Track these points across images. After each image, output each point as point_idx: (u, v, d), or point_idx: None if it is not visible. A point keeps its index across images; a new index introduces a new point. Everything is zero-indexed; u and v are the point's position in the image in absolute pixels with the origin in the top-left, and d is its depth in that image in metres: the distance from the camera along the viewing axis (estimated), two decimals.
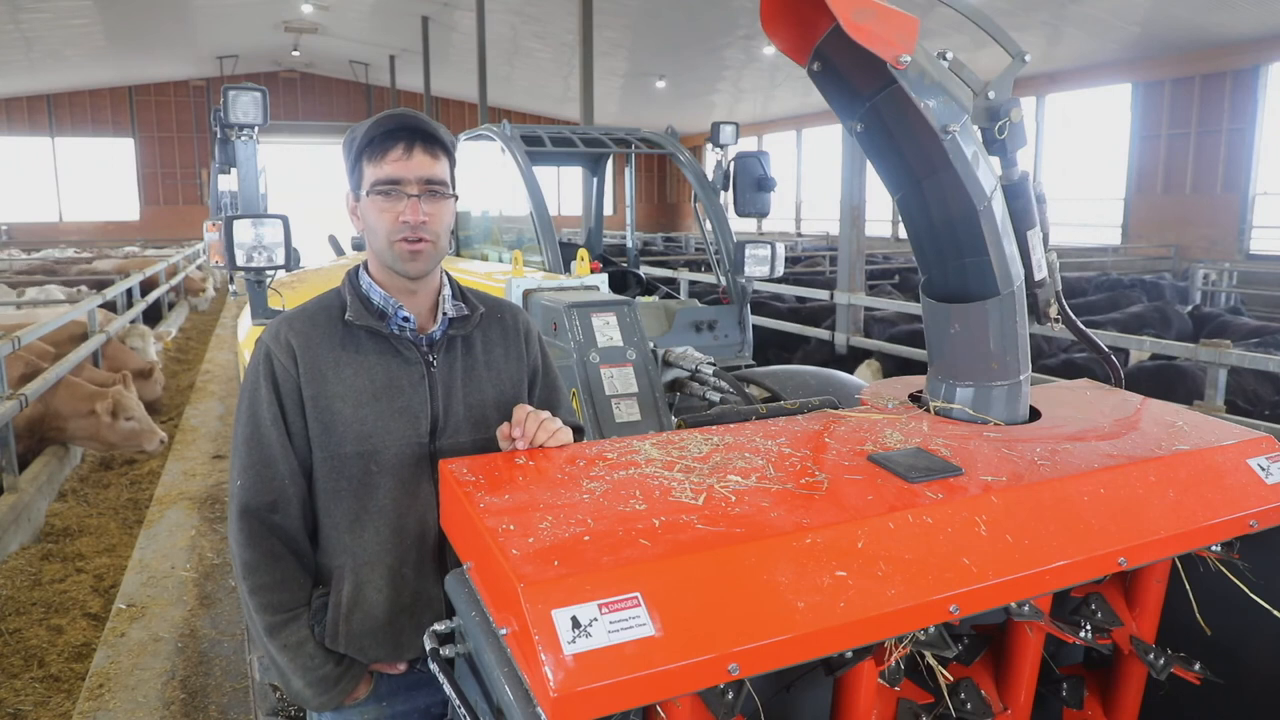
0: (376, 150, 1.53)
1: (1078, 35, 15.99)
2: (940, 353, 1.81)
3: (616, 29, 19.83)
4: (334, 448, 1.54)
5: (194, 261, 16.27)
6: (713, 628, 1.09)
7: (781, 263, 4.05)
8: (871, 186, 7.52)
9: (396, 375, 1.56)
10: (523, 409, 1.53)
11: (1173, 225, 16.53)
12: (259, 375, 1.54)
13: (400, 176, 1.52)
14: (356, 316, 1.55)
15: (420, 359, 1.58)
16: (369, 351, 1.56)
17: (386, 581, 1.56)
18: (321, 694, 1.57)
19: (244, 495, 1.53)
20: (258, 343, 1.59)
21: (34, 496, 5.24)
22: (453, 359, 1.62)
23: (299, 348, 1.54)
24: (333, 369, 1.54)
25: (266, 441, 1.52)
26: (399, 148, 1.52)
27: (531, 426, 1.51)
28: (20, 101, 26.77)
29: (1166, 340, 6.45)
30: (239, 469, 1.55)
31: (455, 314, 1.63)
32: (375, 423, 1.54)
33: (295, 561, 1.57)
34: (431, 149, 1.55)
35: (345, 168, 1.59)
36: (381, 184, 1.52)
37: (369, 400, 1.54)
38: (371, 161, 1.53)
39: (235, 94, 2.82)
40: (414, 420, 1.56)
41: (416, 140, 1.54)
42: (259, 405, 1.53)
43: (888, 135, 1.69)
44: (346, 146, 1.58)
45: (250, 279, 2.91)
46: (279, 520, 1.54)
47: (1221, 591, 1.64)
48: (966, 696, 1.53)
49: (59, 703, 3.51)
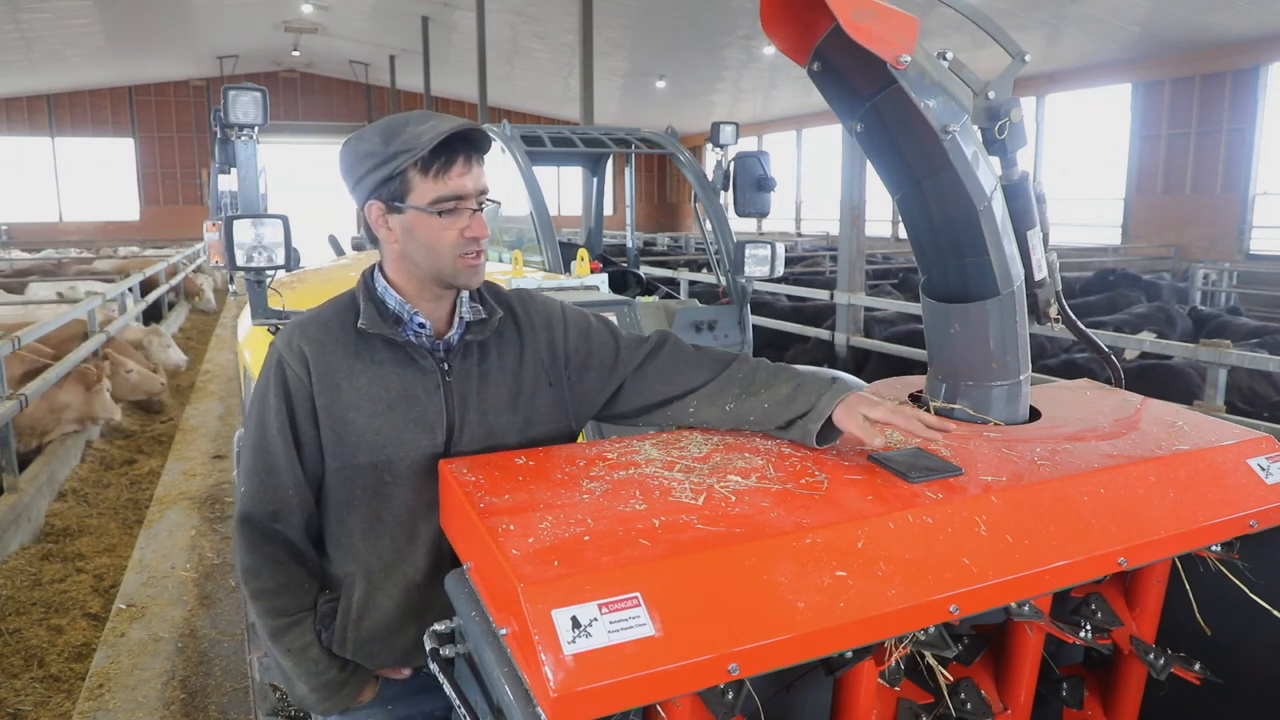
0: (434, 163, 1.43)
1: (1078, 35, 15.98)
2: (940, 353, 1.81)
3: (616, 29, 19.82)
4: (347, 458, 1.50)
5: (194, 262, 16.26)
6: (713, 628, 1.09)
7: (781, 263, 4.04)
8: (871, 186, 7.52)
9: (411, 384, 1.52)
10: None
11: (1173, 225, 16.53)
12: (269, 383, 1.50)
13: (465, 192, 1.46)
14: (370, 324, 1.50)
15: (436, 367, 1.53)
16: (384, 360, 1.52)
17: (399, 588, 1.54)
18: (326, 699, 1.56)
19: (246, 503, 1.52)
20: (269, 349, 1.55)
21: (34, 496, 5.24)
22: (469, 365, 1.56)
23: (312, 356, 1.49)
24: (346, 378, 1.50)
25: (272, 451, 1.49)
26: (459, 161, 1.45)
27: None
28: (20, 101, 26.75)
29: (1167, 340, 6.45)
30: (243, 475, 1.53)
31: (472, 317, 1.58)
32: (390, 433, 1.50)
33: (299, 566, 1.55)
34: (482, 157, 1.49)
35: (365, 173, 1.47)
36: (446, 200, 1.45)
37: (384, 410, 1.50)
38: (429, 175, 1.44)
39: (235, 94, 2.81)
40: (429, 429, 1.52)
41: (474, 151, 1.47)
42: (267, 413, 1.50)
43: (888, 135, 1.69)
44: (369, 155, 1.45)
45: (250, 279, 2.90)
46: (280, 529, 1.52)
47: (1221, 591, 1.64)
48: (966, 696, 1.53)
49: (59, 703, 3.51)
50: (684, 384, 1.64)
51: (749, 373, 1.63)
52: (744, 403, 1.59)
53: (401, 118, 1.47)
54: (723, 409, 1.61)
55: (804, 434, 1.52)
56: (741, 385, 1.61)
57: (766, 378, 1.61)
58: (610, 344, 1.67)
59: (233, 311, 14.17)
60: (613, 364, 1.66)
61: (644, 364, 1.66)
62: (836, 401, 1.50)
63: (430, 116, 1.46)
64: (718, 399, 1.62)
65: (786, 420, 1.54)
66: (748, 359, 1.67)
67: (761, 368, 1.64)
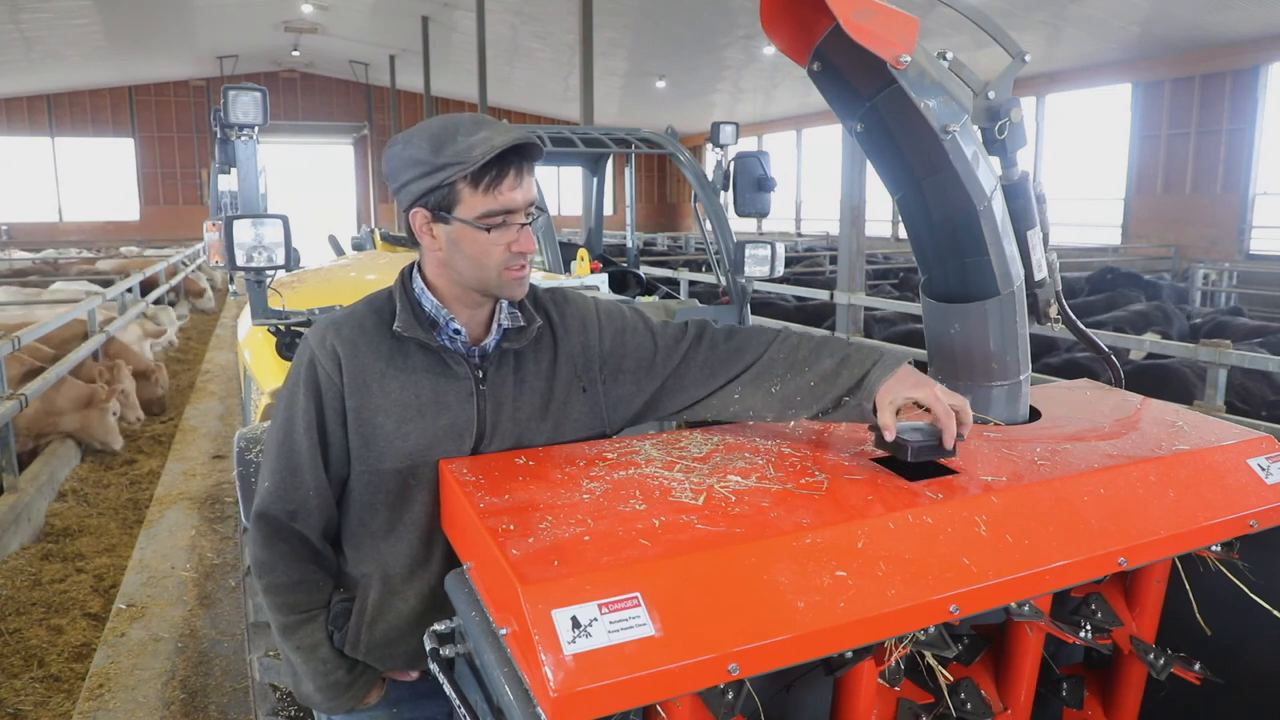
0: (484, 177, 1.39)
1: (1078, 35, 15.98)
2: (940, 353, 1.81)
3: (616, 29, 19.83)
4: (373, 462, 1.48)
5: (194, 262, 16.26)
6: (713, 628, 1.09)
7: (781, 263, 4.04)
8: (871, 186, 7.52)
9: (444, 391, 1.48)
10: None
11: (1173, 225, 16.53)
12: (299, 380, 1.47)
13: (514, 206, 1.41)
14: (405, 328, 1.45)
15: (470, 374, 1.49)
16: (417, 366, 1.48)
17: (415, 593, 1.52)
18: (332, 699, 1.55)
19: (265, 499, 1.50)
20: (301, 345, 1.52)
21: (34, 496, 5.24)
22: (504, 374, 1.52)
23: (345, 356, 1.46)
24: (378, 381, 1.47)
25: (297, 449, 1.47)
26: (510, 174, 1.40)
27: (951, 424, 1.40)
28: (20, 101, 26.75)
29: (1167, 340, 6.45)
30: (267, 472, 1.51)
31: (511, 324, 1.53)
32: (418, 439, 1.47)
33: (314, 564, 1.54)
34: (533, 167, 1.44)
35: (410, 180, 1.42)
36: (495, 215, 1.41)
37: (414, 417, 1.47)
38: (479, 189, 1.39)
39: (235, 94, 2.81)
40: (458, 438, 1.49)
41: (525, 162, 1.42)
42: (295, 411, 1.47)
43: (888, 135, 1.69)
44: (417, 162, 1.40)
45: (250, 279, 2.90)
46: (297, 528, 1.51)
47: (1221, 591, 1.64)
48: (966, 696, 1.53)
49: (59, 703, 3.51)
50: (726, 373, 1.57)
51: (790, 351, 1.56)
52: (789, 383, 1.52)
53: (452, 124, 1.41)
54: (769, 392, 1.54)
55: (860, 414, 1.47)
56: (785, 365, 1.54)
57: (809, 354, 1.54)
58: (648, 344, 1.61)
59: (233, 311, 14.17)
60: (650, 365, 1.60)
61: (684, 361, 1.59)
62: (885, 378, 1.44)
63: (482, 125, 1.41)
64: (762, 382, 1.54)
65: (835, 398, 1.48)
66: (790, 335, 1.59)
67: (804, 343, 1.57)
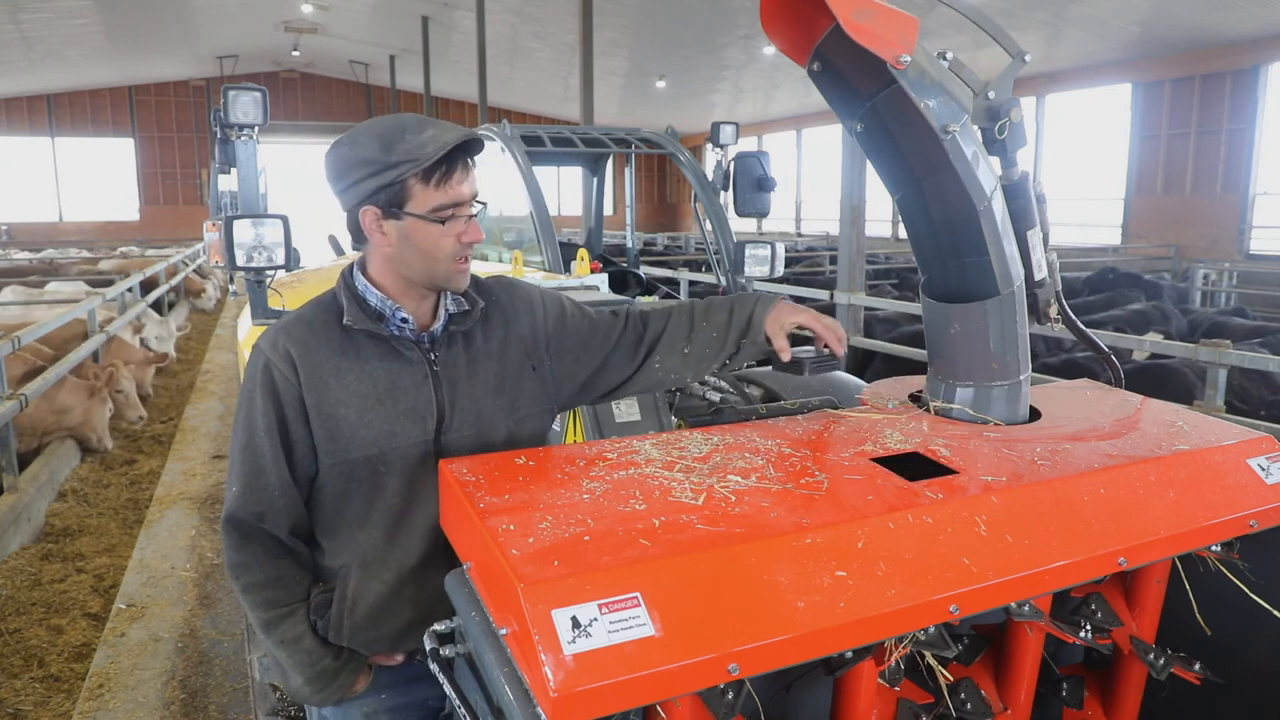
0: (435, 172, 1.45)
1: (1078, 35, 15.98)
2: (940, 353, 1.81)
3: (616, 29, 19.82)
4: (341, 454, 1.52)
5: (194, 262, 16.26)
6: (713, 628, 1.09)
7: (781, 263, 4.05)
8: (871, 186, 7.51)
9: (399, 376, 1.54)
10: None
11: (1173, 225, 16.53)
12: (256, 385, 1.52)
13: (464, 198, 1.49)
14: (355, 321, 1.52)
15: (422, 358, 1.56)
16: (370, 356, 1.54)
17: (392, 574, 1.56)
18: (321, 689, 1.58)
19: (233, 504, 1.54)
20: (254, 351, 1.55)
21: (34, 496, 5.24)
22: (455, 354, 1.59)
23: (298, 356, 1.51)
24: (334, 376, 1.52)
25: (259, 453, 1.51)
26: (459, 168, 1.47)
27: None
28: (20, 101, 26.76)
29: (1168, 340, 6.44)
30: (233, 477, 1.55)
31: (456, 309, 1.61)
32: (381, 426, 1.52)
33: (288, 560, 1.57)
34: (475, 161, 1.52)
35: (359, 179, 1.46)
36: (446, 208, 1.47)
37: (374, 405, 1.52)
38: (429, 184, 1.45)
39: (235, 94, 2.81)
40: (420, 419, 1.55)
41: (469, 157, 1.50)
42: (254, 416, 1.51)
43: (888, 135, 1.69)
44: (366, 162, 1.45)
45: (250, 279, 2.90)
46: (266, 528, 1.54)
47: (1221, 591, 1.64)
48: (966, 696, 1.53)
49: (59, 703, 3.51)
50: (645, 347, 1.74)
51: (688, 315, 1.75)
52: (696, 340, 1.72)
53: (398, 124, 1.47)
54: (681, 354, 1.72)
55: (756, 350, 1.71)
56: (687, 327, 1.73)
57: (703, 314, 1.74)
58: (585, 327, 1.74)
59: (233, 311, 14.17)
60: (588, 345, 1.72)
61: (617, 345, 1.73)
62: (767, 312, 1.69)
63: (427, 124, 1.47)
64: (674, 345, 1.72)
65: (735, 341, 1.70)
66: (684, 304, 1.78)
67: (697, 306, 1.76)
